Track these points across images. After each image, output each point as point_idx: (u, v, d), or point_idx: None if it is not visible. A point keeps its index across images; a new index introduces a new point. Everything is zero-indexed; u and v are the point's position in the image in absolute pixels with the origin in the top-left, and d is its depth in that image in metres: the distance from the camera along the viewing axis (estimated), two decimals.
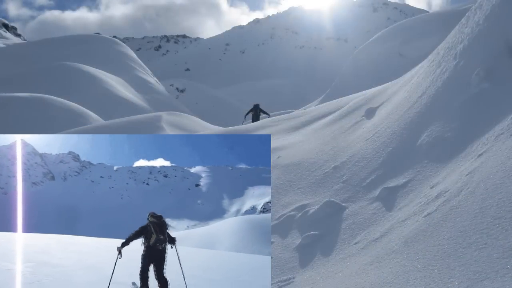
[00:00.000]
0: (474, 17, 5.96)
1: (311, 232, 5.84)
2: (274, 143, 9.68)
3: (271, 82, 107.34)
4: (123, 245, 3.47)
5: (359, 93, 11.64)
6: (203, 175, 32.45)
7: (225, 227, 13.36)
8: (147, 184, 32.18)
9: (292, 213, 6.46)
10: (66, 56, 47.36)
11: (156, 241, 3.45)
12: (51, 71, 39.48)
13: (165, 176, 33.19)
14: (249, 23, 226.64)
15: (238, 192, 28.33)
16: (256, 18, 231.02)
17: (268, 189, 27.93)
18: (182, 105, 53.34)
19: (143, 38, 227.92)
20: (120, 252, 3.49)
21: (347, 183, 8.17)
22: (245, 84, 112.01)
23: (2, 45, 61.27)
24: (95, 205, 26.21)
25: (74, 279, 3.81)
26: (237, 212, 24.87)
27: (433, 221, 3.95)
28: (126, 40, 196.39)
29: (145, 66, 58.52)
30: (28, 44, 63.26)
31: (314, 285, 6.20)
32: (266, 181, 30.19)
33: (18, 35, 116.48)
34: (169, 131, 15.79)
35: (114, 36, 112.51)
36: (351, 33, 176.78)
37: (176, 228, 21.56)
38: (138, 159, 35.79)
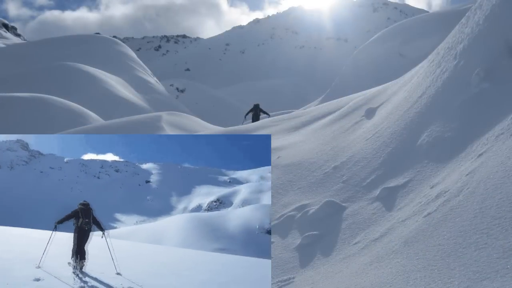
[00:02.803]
0: (474, 17, 5.96)
1: (311, 232, 5.84)
2: (274, 143, 9.68)
3: (271, 82, 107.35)
4: (59, 222, 4.32)
5: (359, 93, 11.63)
6: (153, 172, 32.36)
7: (173, 224, 13.55)
8: (98, 178, 31.84)
9: (292, 213, 6.46)
10: (66, 56, 47.33)
11: (82, 223, 4.38)
12: (51, 71, 39.46)
13: (117, 171, 32.86)
14: (249, 23, 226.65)
15: (186, 190, 28.56)
16: (256, 18, 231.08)
17: (213, 189, 28.25)
18: (182, 105, 53.33)
19: (143, 38, 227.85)
20: (55, 227, 4.31)
21: (347, 183, 8.17)
22: (245, 84, 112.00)
23: (2, 45, 61.23)
24: (43, 197, 25.83)
25: (14, 273, 3.76)
26: (184, 210, 25.10)
27: (433, 221, 3.95)
28: (126, 40, 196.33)
29: (145, 66, 58.48)
30: (28, 44, 63.19)
31: (314, 285, 6.20)
32: (212, 181, 30.56)
33: (18, 35, 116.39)
34: (169, 131, 15.78)
35: (114, 36, 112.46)
36: (351, 33, 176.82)
37: (125, 223, 21.46)
38: (87, 152, 35.37)
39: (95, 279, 4.02)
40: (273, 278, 5.11)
